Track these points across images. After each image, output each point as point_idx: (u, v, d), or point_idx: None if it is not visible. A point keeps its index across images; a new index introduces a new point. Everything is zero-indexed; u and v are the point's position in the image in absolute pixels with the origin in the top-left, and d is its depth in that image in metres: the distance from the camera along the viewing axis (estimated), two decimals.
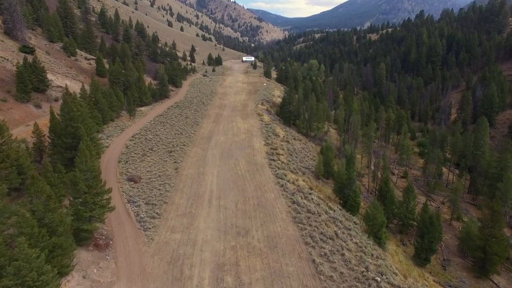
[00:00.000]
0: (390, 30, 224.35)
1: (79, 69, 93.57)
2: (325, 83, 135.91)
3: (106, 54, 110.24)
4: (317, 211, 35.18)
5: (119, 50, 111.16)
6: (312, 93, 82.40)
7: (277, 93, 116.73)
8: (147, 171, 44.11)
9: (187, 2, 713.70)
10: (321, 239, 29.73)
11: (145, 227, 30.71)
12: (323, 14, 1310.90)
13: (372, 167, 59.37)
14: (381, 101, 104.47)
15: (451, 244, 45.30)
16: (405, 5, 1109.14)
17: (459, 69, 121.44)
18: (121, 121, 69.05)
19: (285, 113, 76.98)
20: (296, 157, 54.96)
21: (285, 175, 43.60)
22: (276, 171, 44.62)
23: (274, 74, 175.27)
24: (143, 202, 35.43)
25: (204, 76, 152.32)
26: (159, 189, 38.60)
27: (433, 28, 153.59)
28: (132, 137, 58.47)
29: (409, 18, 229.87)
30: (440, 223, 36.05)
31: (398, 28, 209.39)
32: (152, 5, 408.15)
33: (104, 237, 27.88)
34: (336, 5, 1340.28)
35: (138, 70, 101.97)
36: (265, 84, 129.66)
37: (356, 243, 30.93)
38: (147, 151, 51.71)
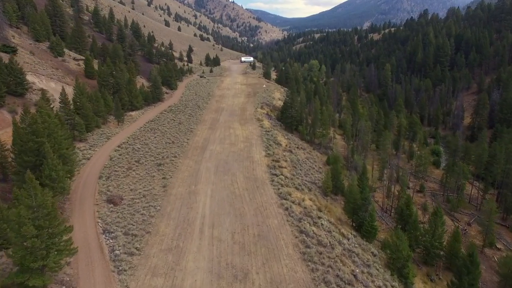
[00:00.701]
0: (392, 29, 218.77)
1: (67, 70, 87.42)
2: (328, 85, 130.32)
3: (97, 54, 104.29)
4: (330, 243, 29.43)
5: (110, 50, 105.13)
6: (315, 96, 76.67)
7: (278, 95, 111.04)
8: (131, 189, 38.23)
9: (185, 2, 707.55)
10: (337, 285, 23.92)
11: (120, 268, 24.85)
12: (322, 14, 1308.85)
13: (386, 180, 53.56)
14: (388, 104, 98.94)
15: (489, 280, 39.04)
16: (404, 5, 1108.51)
17: (469, 70, 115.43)
18: (108, 128, 63.12)
19: (287, 118, 71.26)
20: (300, 169, 49.20)
21: (290, 194, 37.81)
22: (279, 189, 38.83)
23: (273, 75, 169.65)
24: (121, 231, 29.57)
25: (201, 77, 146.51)
26: (142, 214, 32.73)
27: (439, 28, 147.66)
28: (118, 146, 52.57)
29: (412, 17, 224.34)
30: (477, 257, 30.26)
31: (401, 28, 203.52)
32: (149, 4, 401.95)
33: (64, 287, 21.98)
34: (335, 5, 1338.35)
35: (130, 71, 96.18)
36: (264, 86, 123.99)
37: (379, 287, 25.14)
38: (133, 164, 45.83)
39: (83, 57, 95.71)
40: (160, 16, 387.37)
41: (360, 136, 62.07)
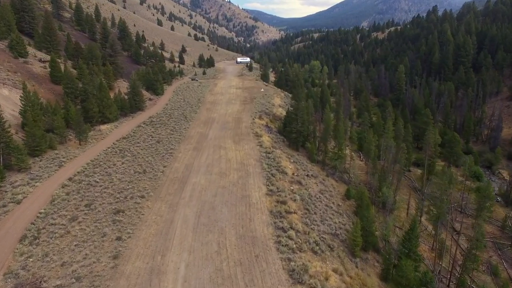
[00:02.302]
0: (399, 28, 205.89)
1: (28, 74, 73.50)
2: (332, 88, 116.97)
3: (71, 55, 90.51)
4: None
5: (85, 50, 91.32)
6: (326, 106, 63.48)
7: (278, 101, 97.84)
8: (61, 264, 24.82)
9: (181, 1, 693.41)
10: None
11: None
12: (318, 14, 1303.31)
13: (437, 233, 39.94)
14: (401, 111, 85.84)
15: None
16: (402, 4, 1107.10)
17: (498, 72, 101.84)
18: (66, 150, 49.46)
19: (291, 133, 58.03)
20: (314, 212, 35.92)
21: (306, 270, 24.62)
22: (289, 260, 25.64)
23: (272, 76, 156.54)
24: None
25: (192, 80, 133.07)
26: None
27: (455, 25, 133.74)
28: (70, 179, 39.04)
29: (419, 14, 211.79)
30: None
31: (407, 26, 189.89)
32: (141, 3, 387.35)
33: None
34: (332, 5, 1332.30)
35: (107, 74, 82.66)
36: (262, 90, 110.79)
37: None
38: (81, 211, 32.36)
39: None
40: (153, 15, 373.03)
41: (384, 158, 48.94)
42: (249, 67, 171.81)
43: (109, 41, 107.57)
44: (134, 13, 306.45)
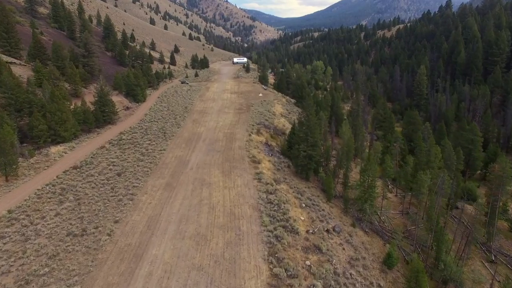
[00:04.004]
0: (408, 25, 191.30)
1: None
2: (339, 91, 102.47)
3: (31, 55, 75.80)
4: None
5: (52, 50, 76.55)
6: (346, 121, 49.16)
7: (279, 109, 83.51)
8: None
9: (177, 1, 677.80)
10: None
11: None
12: (317, 13, 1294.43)
13: None
14: (427, 120, 71.66)
15: None
16: (400, 3, 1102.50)
17: None
18: None
19: (300, 159, 43.69)
20: None
21: None
22: None
23: (271, 78, 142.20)
24: None
25: (182, 83, 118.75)
26: None
27: (480, 19, 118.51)
28: None
29: (428, 10, 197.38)
30: None
31: (421, 22, 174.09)
32: (134, 1, 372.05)
33: None
34: (330, 5, 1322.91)
35: (72, 79, 68.13)
36: (260, 95, 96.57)
37: None
38: None
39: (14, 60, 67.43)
40: (146, 14, 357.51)
41: (437, 199, 34.11)
42: (246, 68, 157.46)
43: (82, 39, 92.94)
44: (125, 11, 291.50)
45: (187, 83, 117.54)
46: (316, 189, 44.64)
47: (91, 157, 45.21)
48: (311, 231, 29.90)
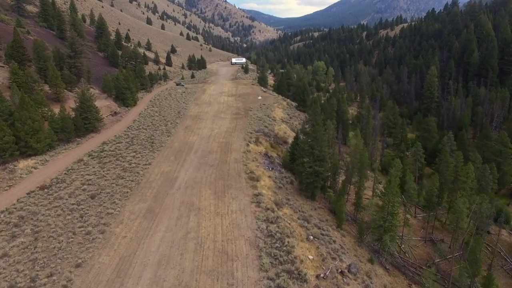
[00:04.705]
0: (412, 24, 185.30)
1: None
2: (343, 93, 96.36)
3: (10, 56, 69.68)
4: None
5: (33, 50, 70.46)
6: (357, 130, 43.16)
7: (279, 113, 77.62)
8: None
9: (176, 1, 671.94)
10: None
11: None
12: (316, 13, 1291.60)
13: None
14: (441, 126, 65.58)
15: None
16: (400, 3, 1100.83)
17: None
18: None
19: (305, 175, 37.73)
20: None
21: None
22: None
23: (270, 79, 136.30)
24: None
25: (177, 85, 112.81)
26: None
27: (492, 17, 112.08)
28: None
29: (433, 9, 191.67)
30: None
31: (426, 21, 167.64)
32: (131, 1, 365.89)
33: None
34: (329, 5, 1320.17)
35: (54, 82, 62.06)
36: (260, 98, 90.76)
37: None
38: None
39: None
40: (143, 13, 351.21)
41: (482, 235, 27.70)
42: (245, 69, 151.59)
43: (68, 38, 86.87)
44: (121, 11, 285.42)
45: (183, 85, 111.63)
46: (323, 210, 38.71)
47: (65, 173, 39.20)
48: (322, 275, 23.93)
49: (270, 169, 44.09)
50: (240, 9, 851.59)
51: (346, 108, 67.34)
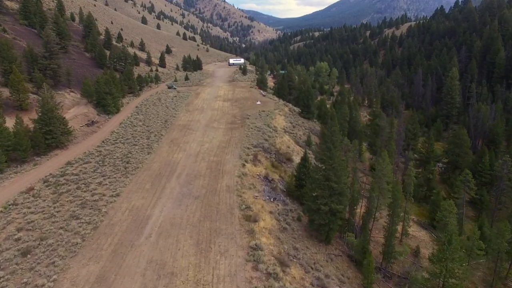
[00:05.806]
0: (420, 22, 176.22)
1: None
2: (348, 98, 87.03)
3: None
4: None
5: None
6: (385, 153, 33.92)
7: (281, 122, 68.27)
8: None
9: (174, 1, 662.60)
10: None
11: None
12: (315, 14, 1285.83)
13: None
14: (467, 136, 56.40)
15: None
16: (400, 3, 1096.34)
17: None
18: None
19: (320, 215, 28.45)
20: None
21: None
22: None
23: (270, 81, 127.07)
24: None
25: (169, 88, 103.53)
26: None
27: None
28: None
29: (442, 6, 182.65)
30: None
31: (435, 19, 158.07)
32: (126, 0, 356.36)
33: None
34: (328, 5, 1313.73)
35: (15, 87, 52.70)
36: (259, 103, 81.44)
37: None
38: None
39: None
40: (139, 13, 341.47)
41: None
42: (243, 70, 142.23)
43: (43, 37, 77.55)
44: (115, 10, 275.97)
45: (175, 88, 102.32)
46: (342, 259, 29.42)
47: (1, 211, 29.85)
48: None
49: (272, 199, 34.83)
50: (239, 9, 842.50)
51: (359, 116, 58.07)
